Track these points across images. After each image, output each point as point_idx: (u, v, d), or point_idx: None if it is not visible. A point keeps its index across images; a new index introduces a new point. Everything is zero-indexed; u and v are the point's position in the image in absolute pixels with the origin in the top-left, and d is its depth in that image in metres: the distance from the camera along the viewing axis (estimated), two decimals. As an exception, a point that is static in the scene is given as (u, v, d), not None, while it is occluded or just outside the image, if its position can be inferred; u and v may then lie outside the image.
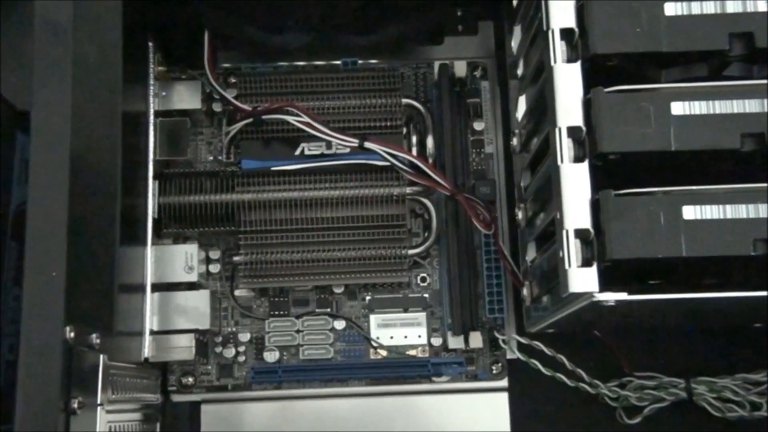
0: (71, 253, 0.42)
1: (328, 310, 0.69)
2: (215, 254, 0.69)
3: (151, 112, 0.66)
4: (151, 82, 0.66)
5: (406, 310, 0.69)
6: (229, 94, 0.68)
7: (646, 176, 0.45)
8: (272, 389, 0.68)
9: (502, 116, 0.71)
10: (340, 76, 0.69)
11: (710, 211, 0.43)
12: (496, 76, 0.71)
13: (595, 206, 0.45)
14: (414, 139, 0.69)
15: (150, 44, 0.66)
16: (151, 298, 0.63)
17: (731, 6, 0.45)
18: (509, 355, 0.67)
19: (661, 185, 0.44)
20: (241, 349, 0.68)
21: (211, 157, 0.70)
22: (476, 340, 0.67)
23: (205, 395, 0.68)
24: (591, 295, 0.44)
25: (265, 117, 0.66)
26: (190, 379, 0.67)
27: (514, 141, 0.62)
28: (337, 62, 0.71)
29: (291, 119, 0.64)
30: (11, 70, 0.64)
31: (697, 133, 0.44)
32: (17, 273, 0.61)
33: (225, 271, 0.69)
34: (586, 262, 0.44)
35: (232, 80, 0.70)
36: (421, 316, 0.69)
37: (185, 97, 0.69)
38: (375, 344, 0.68)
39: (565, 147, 0.45)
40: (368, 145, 0.64)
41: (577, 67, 0.46)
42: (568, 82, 0.46)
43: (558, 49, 0.46)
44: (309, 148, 0.68)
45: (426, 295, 0.69)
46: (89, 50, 0.53)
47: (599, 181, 0.45)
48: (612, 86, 0.45)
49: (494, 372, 0.68)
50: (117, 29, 0.57)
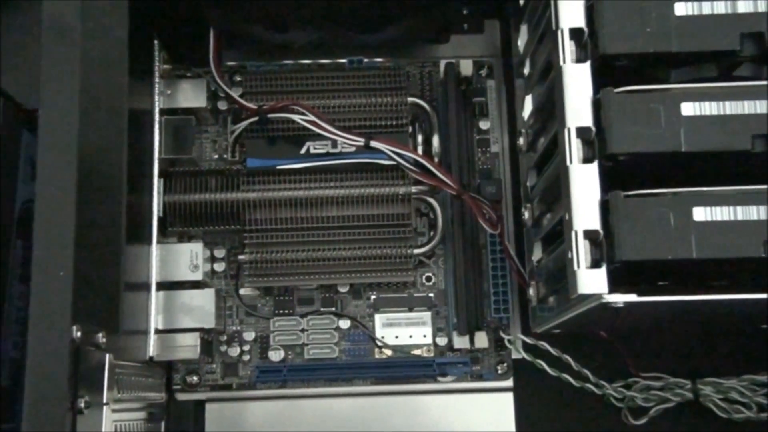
0: (78, 252, 0.42)
1: (333, 309, 0.69)
2: (220, 253, 0.69)
3: (157, 110, 0.65)
4: (157, 80, 0.66)
5: (411, 310, 0.69)
6: (235, 93, 0.68)
7: (655, 177, 0.44)
8: (277, 388, 0.68)
9: (508, 115, 0.71)
10: (345, 74, 0.69)
11: (721, 213, 0.43)
12: (502, 75, 0.71)
13: (605, 207, 0.45)
14: (419, 138, 0.69)
15: (155, 42, 0.66)
16: (156, 297, 0.63)
17: (742, 6, 0.45)
18: (514, 355, 0.67)
19: (671, 186, 0.44)
20: (246, 348, 0.68)
21: (216, 156, 0.70)
22: (482, 339, 0.66)
23: (210, 394, 0.68)
24: (600, 296, 0.44)
25: (271, 116, 0.65)
26: (195, 378, 0.67)
27: (521, 140, 0.62)
28: (343, 60, 0.70)
29: (297, 118, 0.64)
30: (16, 69, 0.64)
31: (707, 134, 0.44)
32: (22, 271, 0.60)
33: (230, 270, 0.68)
34: (595, 264, 0.44)
35: (238, 78, 0.70)
36: (426, 315, 0.69)
37: (190, 96, 0.68)
38: (380, 344, 0.68)
39: (575, 147, 0.45)
40: (374, 144, 0.64)
41: (586, 67, 0.46)
42: (578, 82, 0.46)
43: (567, 49, 0.46)
44: (314, 147, 0.67)
45: (431, 295, 0.69)
46: (95, 48, 0.53)
47: (608, 181, 0.45)
48: (621, 86, 0.45)
49: (499, 372, 0.68)
50: (123, 27, 0.57)
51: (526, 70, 0.62)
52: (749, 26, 0.45)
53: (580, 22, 0.46)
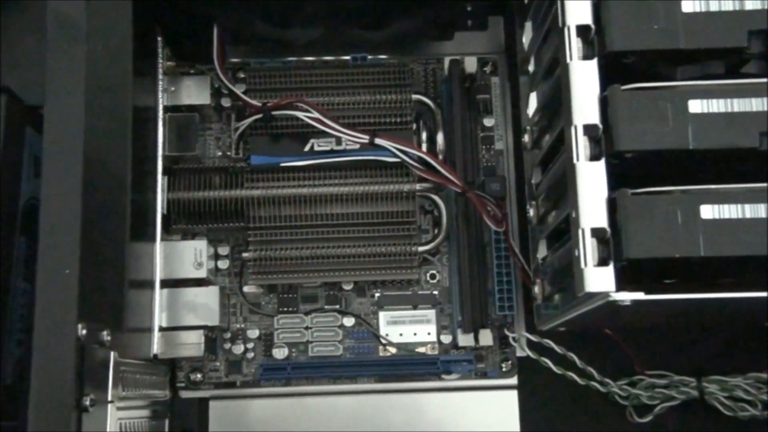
0: (83, 250, 0.41)
1: (337, 306, 0.68)
2: (224, 250, 0.68)
3: (160, 107, 0.65)
4: (160, 77, 0.65)
5: (415, 307, 0.69)
6: (238, 90, 0.68)
7: (663, 175, 0.44)
8: (281, 386, 0.68)
9: (512, 112, 0.71)
10: (349, 71, 0.69)
11: (728, 211, 0.43)
12: (506, 72, 0.71)
13: (612, 205, 0.44)
14: (423, 135, 0.69)
15: (159, 39, 0.65)
16: (160, 295, 0.63)
17: (750, 3, 0.45)
18: (519, 353, 0.67)
19: (678, 184, 0.44)
20: (250, 345, 0.68)
21: (219, 153, 0.70)
22: (486, 337, 0.66)
23: (214, 392, 0.68)
24: (607, 294, 0.44)
25: (275, 113, 0.65)
26: (199, 376, 0.67)
27: (526, 138, 0.62)
28: (347, 57, 0.70)
29: (301, 115, 0.64)
30: (19, 66, 0.64)
31: (715, 132, 0.44)
32: (26, 268, 0.60)
33: (234, 268, 0.68)
34: (602, 262, 0.44)
35: (241, 75, 0.70)
36: (431, 313, 0.68)
37: (194, 93, 0.68)
38: (384, 341, 0.68)
39: (581, 145, 0.45)
40: (379, 141, 0.63)
41: (593, 65, 0.46)
42: (585, 80, 0.45)
43: (574, 46, 0.46)
44: (318, 144, 0.67)
45: (435, 293, 0.69)
46: (99, 45, 0.53)
47: (615, 179, 0.45)
48: (628, 83, 0.45)
49: (504, 370, 0.68)
50: (127, 24, 0.57)
51: (531, 68, 0.62)
52: (757, 23, 0.45)
53: (587, 19, 0.46)
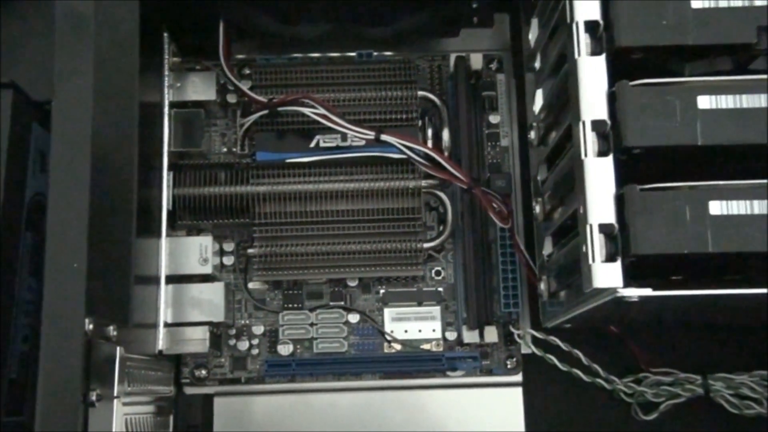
0: (91, 245, 0.41)
1: (342, 303, 0.68)
2: (229, 246, 0.68)
3: (166, 103, 0.65)
4: (166, 73, 0.65)
5: (420, 304, 0.69)
6: (244, 86, 0.68)
7: (671, 170, 0.44)
8: (285, 382, 0.68)
9: (517, 109, 0.70)
10: (355, 67, 0.69)
11: (737, 207, 0.43)
12: (512, 68, 0.71)
13: (620, 201, 0.44)
14: (429, 131, 0.69)
15: (165, 35, 0.65)
16: (165, 290, 0.63)
17: (759, -1, 0.45)
18: (524, 350, 0.67)
19: (686, 180, 0.44)
20: (255, 341, 0.68)
21: (225, 149, 0.70)
22: (491, 334, 0.66)
23: (218, 388, 0.67)
24: (615, 290, 0.44)
25: (281, 109, 0.65)
26: (204, 372, 0.67)
27: (532, 134, 0.61)
28: (352, 54, 0.70)
29: (307, 111, 0.64)
30: (25, 62, 0.63)
31: (723, 128, 0.44)
32: (31, 263, 0.60)
33: (239, 264, 0.68)
34: (610, 257, 0.44)
35: (247, 71, 0.70)
36: (436, 309, 0.68)
37: (200, 89, 0.68)
38: (389, 338, 0.68)
39: (589, 141, 0.45)
40: (385, 137, 0.63)
41: (601, 60, 0.46)
42: (593, 76, 0.45)
43: (582, 41, 0.46)
44: (324, 140, 0.67)
45: (440, 289, 0.69)
46: (106, 40, 0.53)
47: (623, 175, 0.45)
48: (636, 79, 0.45)
49: (509, 367, 0.67)
50: (134, 20, 0.57)
51: (537, 64, 0.62)
52: (766, 19, 0.44)
53: (595, 14, 0.46)
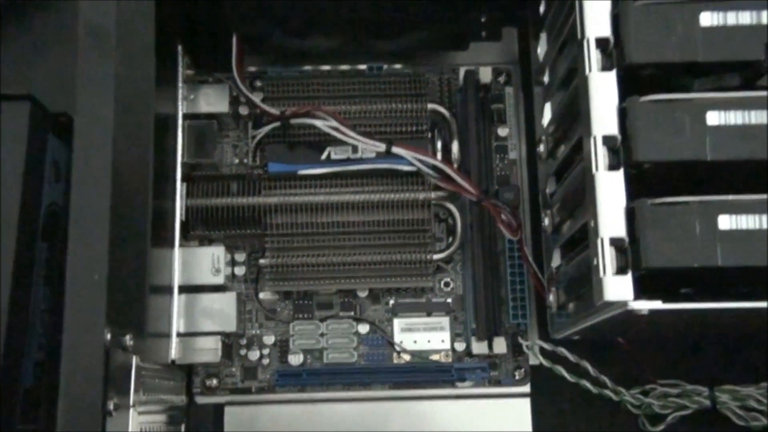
0: (110, 256, 0.42)
1: (352, 313, 0.69)
2: (241, 257, 0.69)
3: (180, 114, 0.66)
4: (180, 85, 0.66)
5: (429, 315, 0.69)
6: (256, 98, 0.69)
7: (681, 185, 0.45)
8: (296, 392, 0.68)
9: (526, 122, 0.71)
10: (365, 80, 0.69)
11: (746, 221, 0.44)
12: (520, 81, 0.72)
13: (630, 215, 0.45)
14: (439, 144, 0.69)
15: (179, 48, 0.66)
16: (178, 300, 0.63)
17: (767, 17, 0.45)
18: (532, 361, 0.68)
19: (696, 194, 0.45)
20: (266, 351, 0.68)
21: (237, 160, 0.70)
22: (500, 345, 0.67)
23: (229, 397, 0.68)
24: (625, 303, 0.44)
25: (293, 121, 0.66)
26: (215, 381, 0.68)
27: (541, 148, 0.62)
28: (363, 67, 0.71)
29: (319, 123, 0.65)
30: (41, 73, 0.64)
31: (732, 143, 0.44)
32: (47, 273, 0.61)
33: (250, 274, 0.69)
34: (621, 271, 0.44)
35: (259, 84, 0.71)
36: (445, 320, 0.69)
37: (213, 101, 0.69)
38: (398, 348, 0.68)
39: (600, 155, 0.46)
40: (395, 150, 0.64)
41: (612, 76, 0.47)
42: (604, 91, 0.46)
43: (593, 57, 0.47)
44: (335, 152, 0.68)
45: (449, 300, 0.69)
46: (123, 54, 0.54)
47: (634, 189, 0.45)
48: (646, 95, 0.45)
49: (517, 378, 0.68)
50: (150, 33, 0.58)
51: (546, 78, 0.62)
52: (773, 37, 0.45)
53: (606, 31, 0.47)
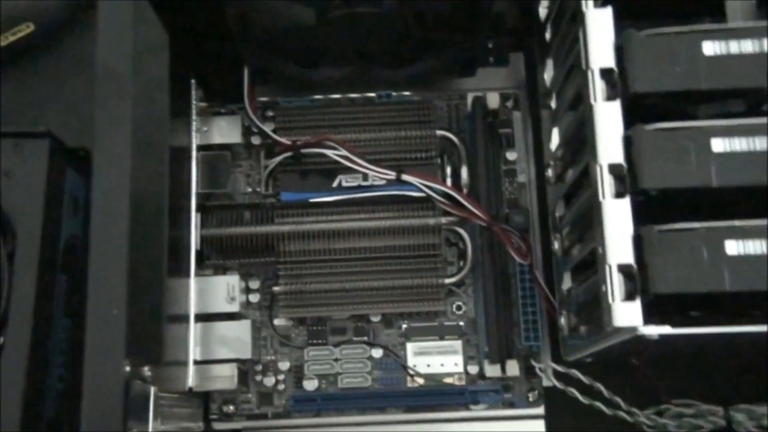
0: (130, 290, 0.43)
1: (366, 338, 0.70)
2: (255, 284, 0.70)
3: (194, 146, 0.67)
4: (194, 117, 0.68)
5: (442, 338, 0.70)
6: (268, 128, 0.70)
7: (687, 211, 0.46)
8: (312, 417, 0.69)
9: (534, 146, 0.72)
10: (375, 108, 0.71)
11: (752, 246, 0.44)
12: (528, 106, 0.73)
13: (638, 241, 0.46)
14: (448, 169, 0.70)
15: (192, 81, 0.68)
16: (194, 329, 0.64)
17: (768, 45, 0.46)
18: (545, 383, 0.68)
19: (703, 220, 0.45)
20: (281, 377, 0.69)
21: (250, 189, 0.72)
22: (513, 368, 0.67)
23: (246, 423, 0.69)
24: (635, 329, 0.45)
25: (304, 150, 0.67)
26: (231, 408, 0.69)
27: (549, 172, 0.63)
28: (372, 95, 0.72)
29: (330, 153, 0.66)
30: (58, 109, 0.65)
31: (737, 170, 0.45)
32: (66, 304, 0.62)
33: (264, 301, 0.70)
34: (629, 296, 0.45)
35: (270, 114, 0.72)
36: (457, 344, 0.70)
37: (225, 132, 0.70)
38: (412, 372, 0.69)
39: (607, 183, 0.46)
40: (405, 177, 0.65)
41: (616, 106, 0.47)
42: (609, 120, 0.47)
43: (598, 87, 0.47)
44: (346, 180, 0.69)
45: (462, 323, 0.70)
46: (139, 89, 0.56)
47: (640, 215, 0.46)
48: (651, 122, 0.46)
49: (530, 400, 0.69)
50: (164, 69, 0.59)
51: (553, 103, 0.63)
52: (775, 65, 0.46)
53: (609, 62, 0.48)
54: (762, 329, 0.45)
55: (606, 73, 0.48)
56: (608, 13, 0.49)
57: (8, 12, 0.66)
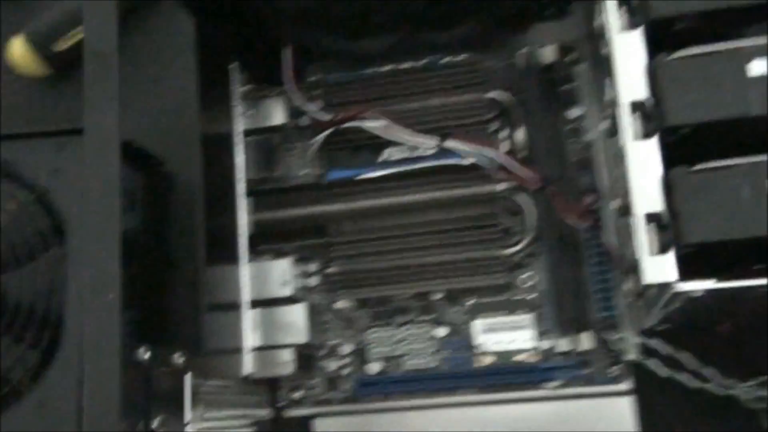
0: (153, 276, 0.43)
1: (430, 317, 0.67)
2: (312, 267, 0.68)
3: (239, 131, 0.67)
4: (237, 102, 0.67)
5: (511, 313, 0.65)
6: (315, 106, 0.68)
7: (722, 147, 0.39)
8: (380, 401, 0.66)
9: (598, 102, 0.66)
10: (423, 75, 0.67)
11: (802, 181, 0.38)
12: (590, 58, 0.67)
13: (668, 186, 0.40)
14: (504, 132, 0.66)
15: (233, 65, 0.67)
16: (249, 315, 0.64)
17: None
18: (627, 356, 0.62)
19: (741, 156, 0.39)
20: (345, 361, 0.67)
21: (300, 171, 0.70)
22: (588, 340, 0.62)
23: (315, 409, 0.67)
24: (670, 285, 0.39)
25: (347, 125, 0.65)
26: (299, 394, 0.67)
27: (603, 126, 0.57)
28: (420, 62, 0.69)
29: (368, 125, 0.63)
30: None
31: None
32: (124, 297, 0.63)
33: (323, 284, 0.68)
34: (662, 249, 0.40)
35: (317, 92, 0.70)
36: (528, 318, 0.65)
37: (272, 114, 0.69)
38: (480, 351, 0.65)
39: (630, 123, 0.41)
40: (449, 143, 0.61)
41: (637, 35, 0.42)
42: (629, 51, 0.42)
43: (615, 15, 0.42)
44: (393, 153, 0.66)
45: (531, 296, 0.65)
46: (165, 74, 0.56)
47: (670, 158, 0.41)
48: (676, 52, 0.40)
49: (612, 374, 0.63)
50: (190, 53, 0.59)
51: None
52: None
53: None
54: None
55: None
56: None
57: (62, 17, 0.68)
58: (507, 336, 0.65)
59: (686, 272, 0.39)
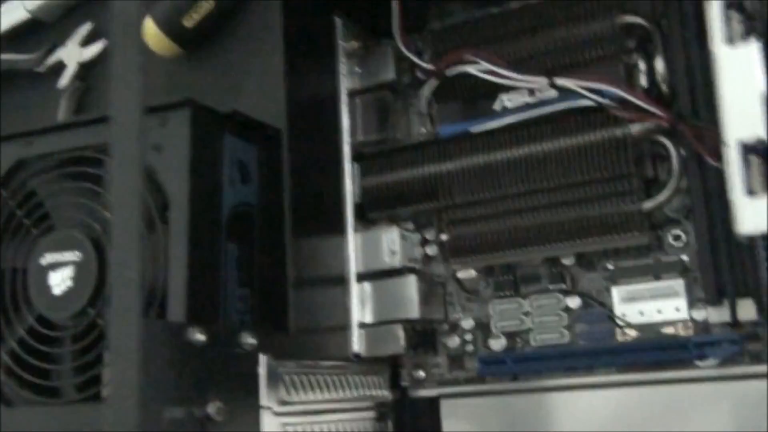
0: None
1: (562, 285, 0.58)
2: (430, 234, 0.62)
3: (343, 91, 0.62)
4: (342, 60, 0.62)
5: (657, 278, 0.55)
6: (426, 57, 0.61)
7: None
8: (509, 381, 0.59)
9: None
10: (543, 7, 0.58)
11: None
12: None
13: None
14: (643, 64, 0.55)
15: (338, 21, 0.62)
16: (356, 289, 0.59)
17: None
18: (805, 329, 0.50)
19: None
20: (468, 337, 0.60)
21: (412, 130, 0.64)
22: (748, 309, 0.51)
23: (440, 390, 0.62)
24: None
25: (453, 73, 0.58)
26: (422, 373, 0.62)
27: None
28: (540, -6, 0.60)
29: (471, 69, 0.55)
30: (202, 75, 0.65)
31: None
32: (239, 274, 0.61)
33: (442, 252, 0.62)
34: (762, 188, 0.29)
35: (426, 41, 0.63)
36: (678, 284, 0.55)
37: (381, 70, 0.64)
38: (621, 323, 0.56)
39: (721, 22, 0.31)
40: (560, 82, 0.52)
41: None
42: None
43: None
44: (508, 100, 0.58)
45: (683, 257, 0.55)
46: (248, 36, 0.53)
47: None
48: None
49: (782, 351, 0.51)
50: (274, 11, 0.56)
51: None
52: None
53: None
54: None
55: None
56: None
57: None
58: (652, 305, 0.55)
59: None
